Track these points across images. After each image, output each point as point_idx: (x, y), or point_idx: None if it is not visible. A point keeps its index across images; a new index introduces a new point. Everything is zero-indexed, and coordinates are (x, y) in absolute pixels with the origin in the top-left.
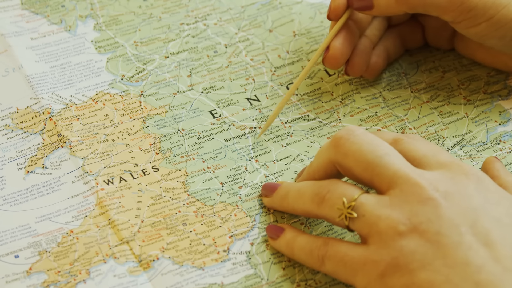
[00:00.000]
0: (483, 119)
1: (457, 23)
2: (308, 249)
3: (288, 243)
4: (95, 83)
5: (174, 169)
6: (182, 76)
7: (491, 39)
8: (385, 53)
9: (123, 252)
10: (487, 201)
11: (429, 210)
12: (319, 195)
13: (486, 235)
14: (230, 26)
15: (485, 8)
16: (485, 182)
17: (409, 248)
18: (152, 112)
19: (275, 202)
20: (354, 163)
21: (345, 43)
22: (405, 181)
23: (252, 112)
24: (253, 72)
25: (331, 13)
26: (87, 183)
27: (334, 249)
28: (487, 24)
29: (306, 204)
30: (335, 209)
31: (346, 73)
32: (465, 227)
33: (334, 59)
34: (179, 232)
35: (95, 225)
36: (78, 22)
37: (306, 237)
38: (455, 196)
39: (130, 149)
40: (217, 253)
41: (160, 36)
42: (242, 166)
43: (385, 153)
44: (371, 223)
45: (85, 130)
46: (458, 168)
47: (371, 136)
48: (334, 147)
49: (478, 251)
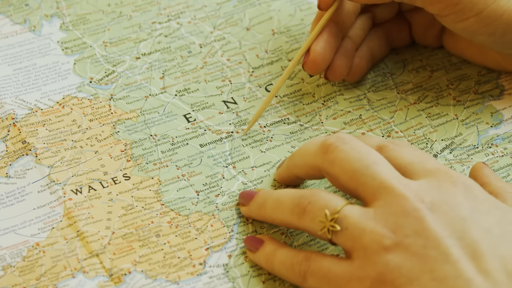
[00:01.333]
0: (474, 121)
1: (444, 16)
2: (289, 264)
3: (267, 257)
4: (62, 86)
5: (146, 177)
6: (154, 78)
7: (480, 35)
8: (369, 54)
9: (93, 265)
10: (476, 210)
11: (415, 222)
12: (299, 206)
13: (474, 247)
14: (205, 25)
15: (473, 2)
16: (473, 190)
17: (395, 263)
18: (122, 116)
19: (252, 211)
20: (340, 171)
21: (327, 46)
22: (390, 192)
23: (229, 116)
24: (229, 73)
25: (321, 2)
26: (54, 193)
27: (316, 264)
28: (475, 19)
29: (285, 215)
30: (317, 222)
31: (326, 78)
32: (453, 239)
33: (314, 64)
34: (152, 244)
35: (63, 237)
36: (43, 21)
37: (287, 251)
38: (441, 206)
39: (100, 156)
40: (192, 266)
41: (130, 36)
42: (219, 173)
43: (372, 161)
44: (355, 237)
45: (52, 136)
46: (445, 175)
47: (360, 144)
48: (322, 154)
49: (467, 264)
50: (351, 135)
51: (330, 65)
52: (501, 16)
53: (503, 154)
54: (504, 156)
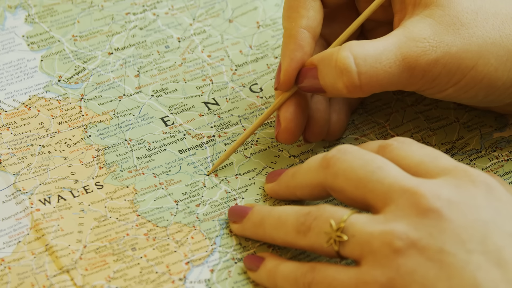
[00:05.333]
0: (477, 124)
1: (422, 91)
2: (293, 278)
3: (269, 273)
4: (28, 86)
5: (120, 185)
6: (128, 76)
7: (461, 100)
8: (346, 105)
9: (63, 283)
10: (499, 213)
11: (430, 223)
12: (304, 225)
13: (498, 253)
14: (183, 16)
15: (449, 75)
16: (496, 191)
17: (407, 268)
18: (94, 119)
19: (246, 230)
20: (345, 182)
21: (298, 110)
22: (401, 194)
23: (210, 118)
24: (210, 71)
25: (280, 85)
26: (20, 203)
27: (321, 274)
28: (454, 89)
29: (289, 235)
30: (322, 234)
31: (306, 141)
32: (474, 243)
33: (289, 134)
34: (127, 259)
35: (30, 252)
36: (7, 13)
37: (290, 265)
38: (460, 206)
39: (70, 163)
40: (171, 282)
41: (102, 29)
42: (200, 181)
43: (377, 166)
44: (363, 242)
45: (17, 141)
46: (463, 174)
47: (362, 152)
48: (324, 169)
49: (489, 272)
50: (351, 145)
51: (306, 128)
52: (480, 82)
53: (509, 159)
54: (509, 161)
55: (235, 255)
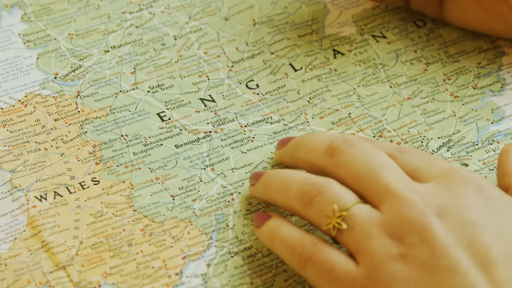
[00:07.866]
0: (473, 117)
1: None
2: (291, 244)
3: (270, 231)
4: (24, 83)
5: (117, 181)
6: (125, 73)
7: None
8: None
9: (60, 279)
10: (487, 212)
11: (421, 230)
12: (308, 195)
13: (485, 254)
14: (179, 14)
15: None
16: (485, 189)
17: (403, 275)
18: (90, 115)
19: (257, 190)
20: (346, 175)
21: None
22: (395, 196)
23: (207, 115)
24: (207, 68)
25: None
26: (16, 200)
27: (322, 256)
28: None
29: (290, 200)
30: (323, 216)
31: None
32: (462, 247)
33: None
34: (124, 254)
35: (26, 248)
36: (3, 12)
37: (293, 230)
38: (450, 210)
39: (66, 159)
40: (168, 276)
41: (98, 27)
42: (196, 176)
43: (378, 164)
44: (360, 240)
45: (13, 138)
46: (454, 174)
47: (368, 146)
48: (328, 157)
49: (476, 276)
50: (359, 136)
51: None
52: None
53: None
54: None
55: (231, 249)
